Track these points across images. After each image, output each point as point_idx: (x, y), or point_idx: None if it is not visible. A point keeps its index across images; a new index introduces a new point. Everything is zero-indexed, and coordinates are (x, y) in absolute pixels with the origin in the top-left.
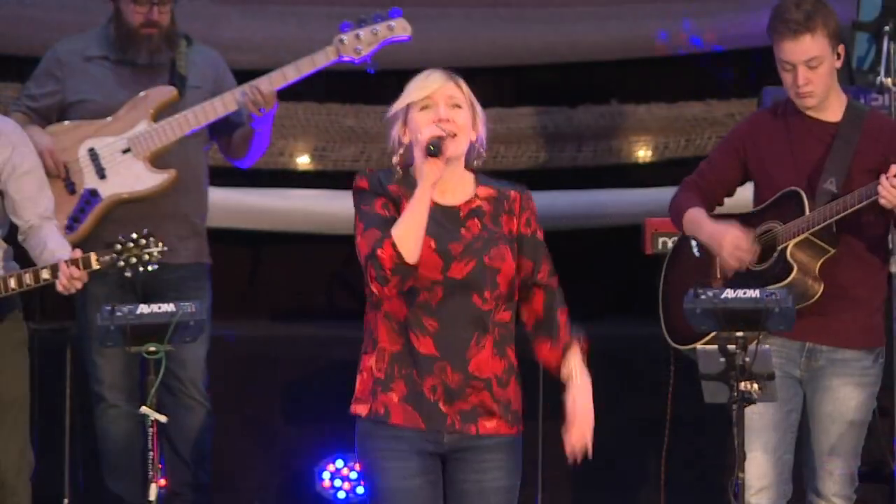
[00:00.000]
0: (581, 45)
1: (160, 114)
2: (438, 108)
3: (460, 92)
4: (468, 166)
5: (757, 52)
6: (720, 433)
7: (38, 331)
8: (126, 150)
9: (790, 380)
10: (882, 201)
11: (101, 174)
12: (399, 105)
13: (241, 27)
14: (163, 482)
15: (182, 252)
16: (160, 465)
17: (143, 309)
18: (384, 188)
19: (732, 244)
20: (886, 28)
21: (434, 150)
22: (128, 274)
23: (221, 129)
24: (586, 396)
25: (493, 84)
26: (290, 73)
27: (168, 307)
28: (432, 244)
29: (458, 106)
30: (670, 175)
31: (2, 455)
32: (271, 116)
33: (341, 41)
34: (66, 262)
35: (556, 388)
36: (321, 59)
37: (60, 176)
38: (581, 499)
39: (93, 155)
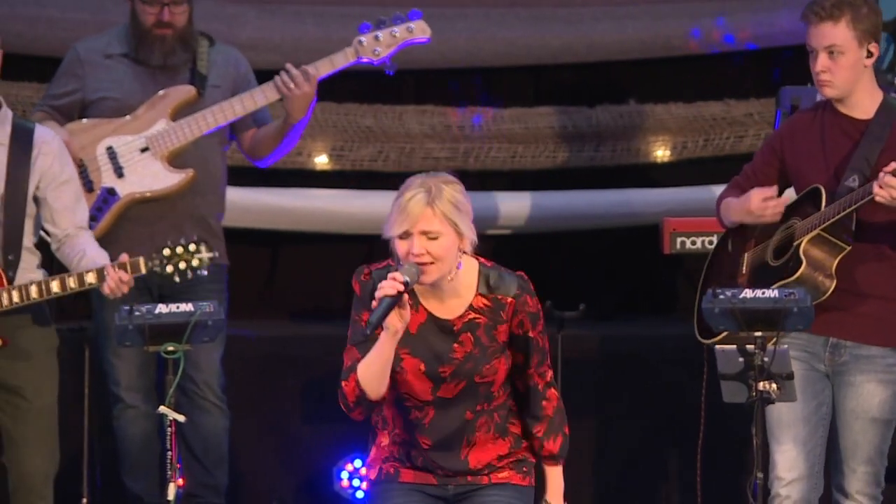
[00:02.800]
0: (600, 44)
1: (179, 113)
2: (413, 240)
3: (435, 218)
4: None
5: (777, 52)
6: (746, 431)
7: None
8: (144, 149)
9: (817, 374)
10: (878, 199)
11: (119, 173)
12: (387, 229)
13: (259, 27)
14: (181, 482)
15: None
16: (178, 465)
17: (162, 308)
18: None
19: (758, 197)
20: None
21: (390, 302)
22: (177, 279)
23: (242, 128)
24: None
25: (511, 84)
26: (309, 73)
27: (186, 307)
28: (422, 367)
29: (435, 238)
30: (688, 175)
31: (32, 460)
32: (309, 114)
33: (360, 42)
34: (113, 265)
35: (573, 383)
36: (340, 61)
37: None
38: (598, 498)
39: (111, 153)
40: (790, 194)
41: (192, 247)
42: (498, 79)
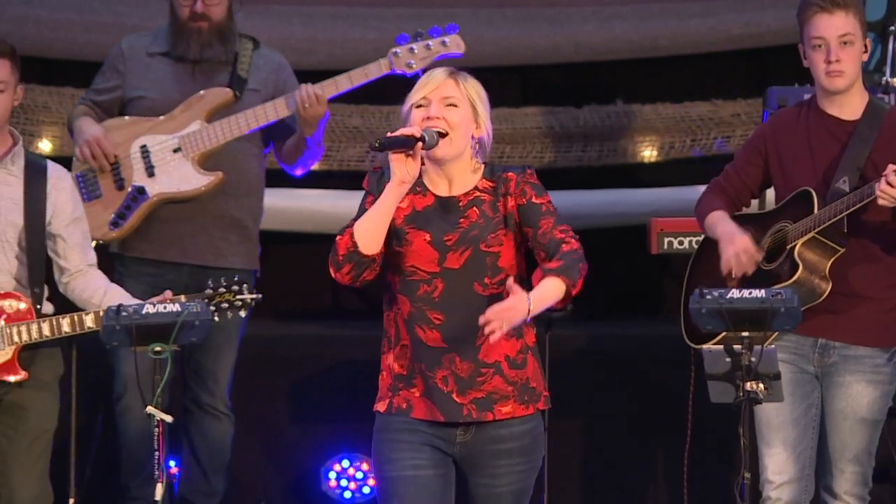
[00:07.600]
0: (587, 45)
1: (215, 115)
2: (431, 106)
3: (458, 89)
4: (478, 159)
5: (763, 52)
6: (734, 432)
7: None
8: (177, 150)
9: (806, 375)
10: (880, 202)
11: (151, 172)
12: (405, 106)
13: (246, 27)
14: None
15: (229, 257)
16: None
17: (149, 308)
18: (381, 185)
19: (741, 246)
20: (892, 28)
21: (400, 144)
22: (216, 319)
23: (277, 135)
24: (516, 302)
25: (498, 84)
26: (343, 84)
27: (173, 307)
28: (427, 237)
29: (454, 105)
30: (676, 175)
31: (22, 485)
32: (322, 127)
33: (395, 54)
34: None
35: (561, 383)
36: (374, 72)
37: (107, 166)
38: (586, 498)
39: (144, 152)
40: (769, 193)
41: (234, 287)
42: (485, 79)
